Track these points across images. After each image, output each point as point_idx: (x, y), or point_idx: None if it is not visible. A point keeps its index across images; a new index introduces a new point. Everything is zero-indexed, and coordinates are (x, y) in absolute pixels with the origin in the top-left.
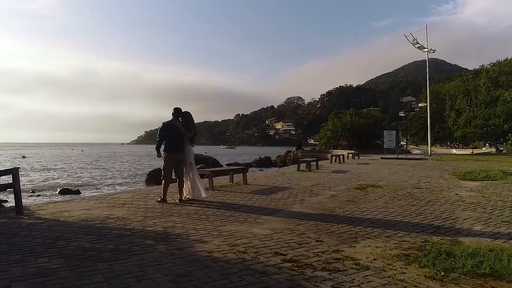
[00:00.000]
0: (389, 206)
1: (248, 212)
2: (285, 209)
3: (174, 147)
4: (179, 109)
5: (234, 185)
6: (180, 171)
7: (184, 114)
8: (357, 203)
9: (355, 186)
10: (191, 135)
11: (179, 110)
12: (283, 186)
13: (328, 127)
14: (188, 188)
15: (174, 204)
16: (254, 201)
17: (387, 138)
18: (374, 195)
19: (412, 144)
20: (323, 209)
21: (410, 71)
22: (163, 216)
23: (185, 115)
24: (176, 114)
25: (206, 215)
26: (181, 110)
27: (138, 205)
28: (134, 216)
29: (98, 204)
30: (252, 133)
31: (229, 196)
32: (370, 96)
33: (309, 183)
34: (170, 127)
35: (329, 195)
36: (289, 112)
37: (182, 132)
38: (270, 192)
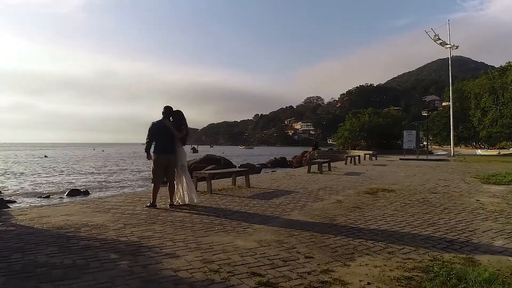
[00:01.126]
0: (399, 214)
1: (240, 219)
2: (282, 216)
3: (164, 148)
4: (170, 108)
5: (235, 188)
6: (171, 174)
7: (175, 113)
8: (363, 210)
9: (365, 190)
10: (182, 135)
11: (170, 109)
12: (287, 189)
13: (346, 127)
14: (180, 193)
15: (163, 210)
16: (251, 207)
17: (407, 138)
18: (384, 201)
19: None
20: (323, 217)
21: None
22: (145, 223)
23: (176, 114)
24: (166, 113)
25: (192, 223)
26: (171, 108)
27: (124, 211)
28: (114, 224)
29: (84, 209)
30: (270, 133)
31: (226, 201)
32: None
33: (316, 187)
34: (159, 127)
35: (334, 201)
36: (308, 112)
37: (172, 132)
38: (271, 196)
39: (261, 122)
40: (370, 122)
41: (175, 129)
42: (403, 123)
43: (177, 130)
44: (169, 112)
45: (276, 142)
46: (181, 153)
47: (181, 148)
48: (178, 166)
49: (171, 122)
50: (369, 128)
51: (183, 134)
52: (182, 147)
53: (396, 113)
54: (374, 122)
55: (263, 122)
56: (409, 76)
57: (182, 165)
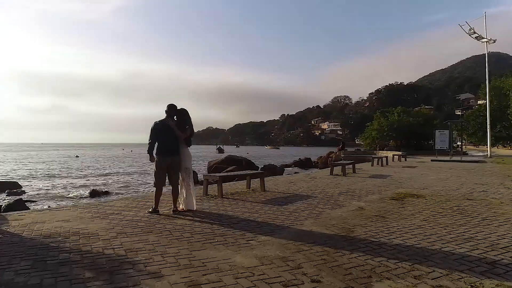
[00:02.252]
0: (428, 226)
1: (246, 229)
2: (293, 226)
3: (168, 149)
4: (174, 106)
5: (249, 192)
6: (174, 177)
7: (179, 112)
8: (387, 219)
9: (391, 195)
10: (186, 136)
11: (173, 107)
12: (305, 194)
13: (374, 127)
14: (184, 198)
15: (165, 216)
16: (261, 214)
17: (439, 138)
18: (412, 208)
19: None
20: (340, 227)
21: (467, 66)
22: (141, 232)
23: (181, 112)
24: (170, 111)
25: (191, 233)
26: (175, 107)
27: (124, 217)
28: (107, 232)
29: (83, 214)
30: (297, 134)
31: (235, 207)
32: (423, 94)
33: (336, 191)
34: (162, 127)
35: (355, 208)
36: (335, 111)
37: (175, 132)
38: (286, 202)
39: (288, 122)
40: (400, 122)
41: (178, 129)
42: (435, 122)
43: (181, 130)
44: (173, 111)
45: (302, 142)
46: (185, 155)
47: (186, 150)
48: (182, 169)
49: (174, 122)
50: (398, 127)
51: (187, 135)
52: (187, 148)
53: (428, 112)
54: (403, 121)
55: (289, 122)
56: (442, 74)
57: (186, 168)
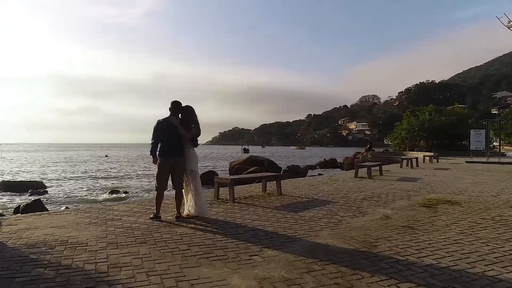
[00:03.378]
0: (466, 241)
1: (252, 241)
2: (306, 238)
3: (171, 150)
4: (178, 103)
5: (265, 195)
6: (178, 180)
7: (184, 109)
8: (416, 231)
9: (421, 202)
10: (191, 135)
11: (178, 104)
12: (325, 199)
13: (403, 126)
14: (191, 203)
15: (167, 224)
16: (272, 222)
17: (475, 138)
18: (446, 218)
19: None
20: (361, 240)
21: (505, 63)
22: (133, 243)
23: (186, 110)
24: (174, 109)
25: (189, 245)
26: (180, 104)
27: (123, 223)
28: (97, 242)
29: (82, 219)
30: (323, 134)
31: (246, 213)
32: (456, 92)
33: (360, 196)
34: (166, 126)
35: (380, 216)
36: (363, 111)
37: (180, 132)
38: (303, 207)
39: (314, 122)
40: (431, 121)
41: (183, 128)
42: (470, 121)
43: (186, 129)
44: (178, 108)
45: (329, 142)
46: (191, 157)
47: (192, 151)
48: (187, 172)
49: (179, 120)
50: (429, 127)
51: (193, 134)
52: (193, 149)
53: (462, 110)
54: (435, 120)
55: (316, 122)
56: (476, 71)
57: (191, 171)
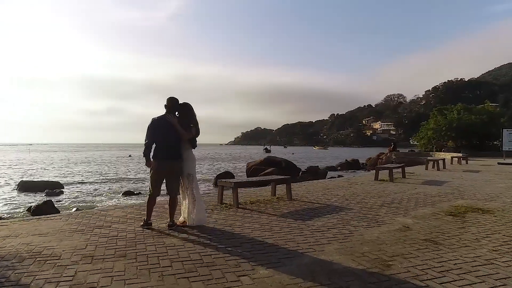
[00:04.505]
0: (501, 261)
1: (245, 256)
2: (308, 253)
3: (168, 152)
4: (175, 100)
5: (273, 200)
6: (173, 185)
7: (182, 107)
8: (440, 247)
9: (447, 209)
10: (191, 135)
11: (175, 101)
12: (339, 205)
13: (429, 126)
14: (188, 210)
15: (156, 233)
16: (274, 233)
17: (508, 138)
18: (476, 230)
19: None
20: (372, 258)
21: None
22: (111, 256)
23: (184, 108)
24: (170, 106)
25: (171, 260)
26: (177, 101)
27: (110, 231)
28: (73, 254)
29: (67, 226)
30: (347, 134)
31: (247, 221)
32: (487, 91)
33: (378, 202)
34: (161, 125)
35: (398, 226)
36: (388, 110)
37: (178, 131)
38: (312, 215)
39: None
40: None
41: (181, 128)
42: (502, 120)
43: (183, 128)
44: (174, 106)
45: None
46: (188, 159)
47: (190, 153)
48: (184, 176)
49: (176, 119)
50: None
51: (192, 135)
52: (191, 151)
53: (493, 109)
54: (464, 119)
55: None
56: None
57: (189, 174)
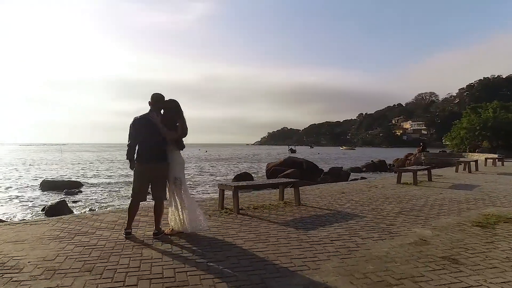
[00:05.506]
0: None
1: (225, 275)
2: (301, 271)
3: (151, 153)
4: (160, 96)
5: (280, 205)
6: (158, 190)
7: (167, 104)
8: (461, 267)
9: (475, 219)
10: (176, 135)
11: (160, 97)
12: (350, 211)
13: (462, 125)
14: (176, 217)
15: (138, 242)
16: (268, 244)
17: None
18: (508, 246)
19: None
20: (375, 280)
21: None
22: (77, 270)
23: (169, 105)
24: (155, 104)
25: (139, 277)
26: (162, 97)
27: (90, 239)
28: (36, 267)
29: (48, 233)
30: (376, 134)
31: (245, 229)
32: None
33: (396, 208)
34: (144, 124)
35: (414, 239)
36: (419, 110)
37: (161, 131)
38: (318, 223)
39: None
40: (496, 119)
41: (166, 127)
42: None
43: (168, 128)
44: (159, 103)
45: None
46: (175, 162)
47: (176, 155)
48: (170, 180)
49: (160, 117)
50: (494, 125)
51: (177, 135)
52: (178, 153)
53: None
54: (501, 118)
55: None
56: None
57: (175, 178)
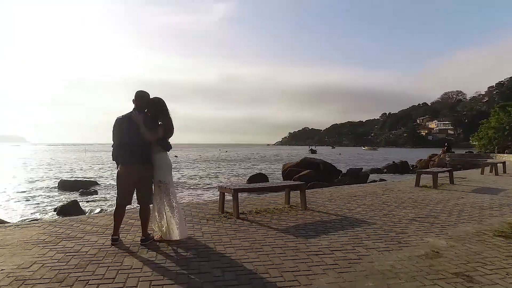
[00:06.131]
0: None
1: None
2: (290, 287)
3: (133, 155)
4: (144, 94)
5: (285, 209)
6: (143, 194)
7: (151, 103)
8: (476, 286)
9: (497, 228)
10: (156, 136)
11: (144, 95)
12: (360, 217)
13: (490, 125)
14: (161, 224)
15: (123, 250)
16: (260, 254)
17: None
18: None
19: None
20: None
21: None
22: (47, 281)
23: (152, 104)
24: (139, 102)
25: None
26: (146, 95)
27: (74, 245)
28: (5, 277)
29: (35, 236)
30: (399, 134)
31: (241, 236)
32: None
33: (410, 214)
34: (127, 124)
35: (425, 250)
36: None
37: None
38: (321, 230)
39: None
40: None
41: (147, 127)
42: None
43: (150, 127)
44: (142, 101)
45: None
46: (160, 164)
47: (161, 156)
48: (156, 183)
49: (143, 117)
50: None
51: (158, 135)
52: (163, 154)
53: None
54: None
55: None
56: None
57: (160, 182)
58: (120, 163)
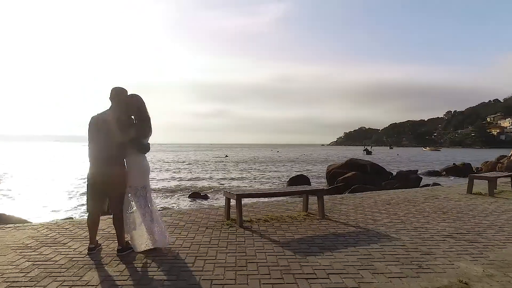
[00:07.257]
0: None
1: None
2: None
3: (103, 157)
4: (121, 91)
5: (300, 217)
6: (112, 201)
7: (127, 101)
8: None
9: None
10: (130, 136)
11: (121, 92)
12: (383, 231)
13: None
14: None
15: (95, 260)
16: (243, 273)
17: None
18: None
19: None
20: None
21: None
22: None
23: (130, 101)
24: (115, 100)
25: None
26: (124, 92)
27: (52, 251)
28: None
29: (23, 239)
30: (467, 133)
31: (232, 248)
32: None
33: (448, 229)
34: (100, 124)
35: (451, 279)
36: None
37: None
38: (329, 245)
39: (454, 120)
40: None
41: (119, 126)
42: None
43: (124, 127)
44: (120, 99)
45: (474, 143)
46: (135, 168)
47: (136, 160)
48: (131, 189)
49: (117, 116)
50: None
51: (130, 136)
52: (140, 157)
53: None
54: None
55: (456, 120)
56: None
57: (135, 188)
58: (89, 166)
